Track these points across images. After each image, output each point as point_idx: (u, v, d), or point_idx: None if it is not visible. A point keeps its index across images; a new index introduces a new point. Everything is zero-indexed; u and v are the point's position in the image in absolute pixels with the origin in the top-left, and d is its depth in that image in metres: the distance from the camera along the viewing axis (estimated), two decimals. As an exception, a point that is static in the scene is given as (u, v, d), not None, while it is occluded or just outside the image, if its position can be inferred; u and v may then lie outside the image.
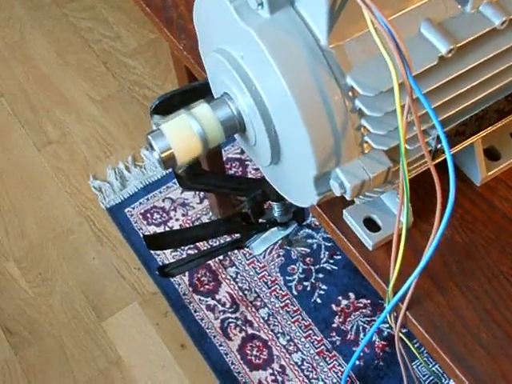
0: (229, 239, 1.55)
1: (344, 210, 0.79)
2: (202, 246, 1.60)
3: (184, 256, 1.61)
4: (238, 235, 1.14)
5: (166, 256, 1.62)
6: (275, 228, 1.12)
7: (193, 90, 0.82)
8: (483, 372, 0.71)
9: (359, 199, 0.73)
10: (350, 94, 0.61)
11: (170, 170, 0.96)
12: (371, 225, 0.79)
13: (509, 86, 0.67)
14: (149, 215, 1.69)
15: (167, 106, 0.82)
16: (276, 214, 1.08)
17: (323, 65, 0.60)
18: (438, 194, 0.62)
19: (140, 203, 1.71)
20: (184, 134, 0.66)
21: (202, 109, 0.67)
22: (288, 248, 1.59)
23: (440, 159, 0.71)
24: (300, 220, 1.10)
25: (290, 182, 0.71)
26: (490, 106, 0.67)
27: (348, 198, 0.65)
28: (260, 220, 1.09)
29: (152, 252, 1.63)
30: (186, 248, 1.61)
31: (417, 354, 0.82)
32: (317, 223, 1.64)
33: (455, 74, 0.63)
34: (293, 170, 0.68)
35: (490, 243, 0.78)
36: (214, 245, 1.57)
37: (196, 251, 1.59)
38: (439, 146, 0.67)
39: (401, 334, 0.79)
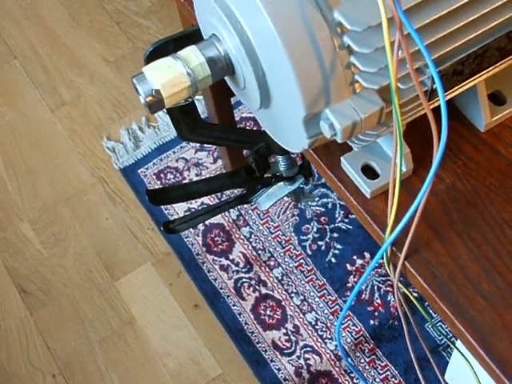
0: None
1: (342, 157, 0.77)
2: (213, 201, 1.59)
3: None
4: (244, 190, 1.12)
5: (179, 215, 1.61)
6: (282, 183, 1.10)
7: (187, 36, 0.80)
8: (484, 323, 0.69)
9: (356, 145, 0.71)
10: (339, 30, 0.59)
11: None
12: (370, 173, 0.77)
13: (508, 22, 0.64)
14: (162, 175, 1.68)
15: (162, 52, 0.80)
16: (281, 168, 1.06)
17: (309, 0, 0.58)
18: (433, 134, 0.59)
19: (153, 163, 1.70)
20: (170, 75, 0.63)
21: (188, 50, 0.65)
22: (295, 202, 1.56)
23: (437, 103, 0.68)
24: (307, 174, 1.08)
25: (282, 126, 0.68)
26: (489, 44, 0.64)
27: (339, 140, 0.62)
28: (266, 174, 1.07)
29: (165, 212, 1.62)
30: (198, 206, 1.60)
31: (419, 308, 0.79)
32: (331, 182, 1.61)
33: (449, 8, 0.59)
34: (283, 112, 0.65)
35: (493, 191, 0.75)
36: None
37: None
38: (435, 86, 0.64)
39: (401, 285, 0.77)
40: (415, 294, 0.80)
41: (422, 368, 1.40)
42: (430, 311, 1.41)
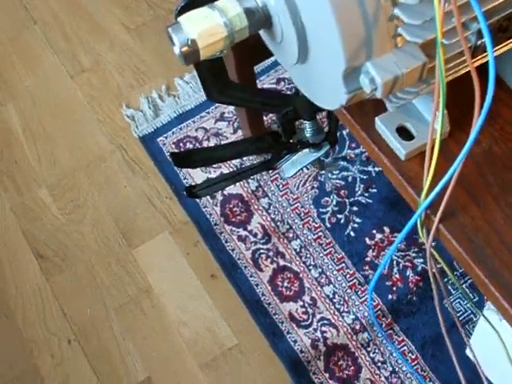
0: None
1: (376, 118, 0.75)
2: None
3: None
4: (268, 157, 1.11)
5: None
6: (307, 150, 1.08)
7: (220, -9, 0.78)
8: (519, 289, 0.68)
9: (392, 104, 0.69)
10: (383, -21, 0.57)
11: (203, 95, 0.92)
12: (405, 134, 0.75)
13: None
14: (181, 145, 1.66)
15: (193, 8, 0.78)
16: (308, 134, 1.04)
17: None
18: (476, 93, 0.58)
19: (173, 132, 1.68)
20: (206, 24, 0.62)
21: (225, 0, 0.63)
22: (319, 170, 1.54)
23: (479, 61, 0.66)
24: (332, 141, 1.06)
25: (319, 82, 0.67)
26: (537, 0, 0.62)
27: (379, 95, 0.61)
28: (291, 140, 1.05)
29: (184, 181, 1.61)
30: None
31: (449, 274, 0.78)
32: (352, 155, 1.60)
33: (499, -41, 0.58)
34: (321, 67, 0.64)
35: (530, 155, 0.73)
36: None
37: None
38: (480, 42, 0.62)
39: (433, 251, 0.76)
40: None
41: (439, 344, 1.40)
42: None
